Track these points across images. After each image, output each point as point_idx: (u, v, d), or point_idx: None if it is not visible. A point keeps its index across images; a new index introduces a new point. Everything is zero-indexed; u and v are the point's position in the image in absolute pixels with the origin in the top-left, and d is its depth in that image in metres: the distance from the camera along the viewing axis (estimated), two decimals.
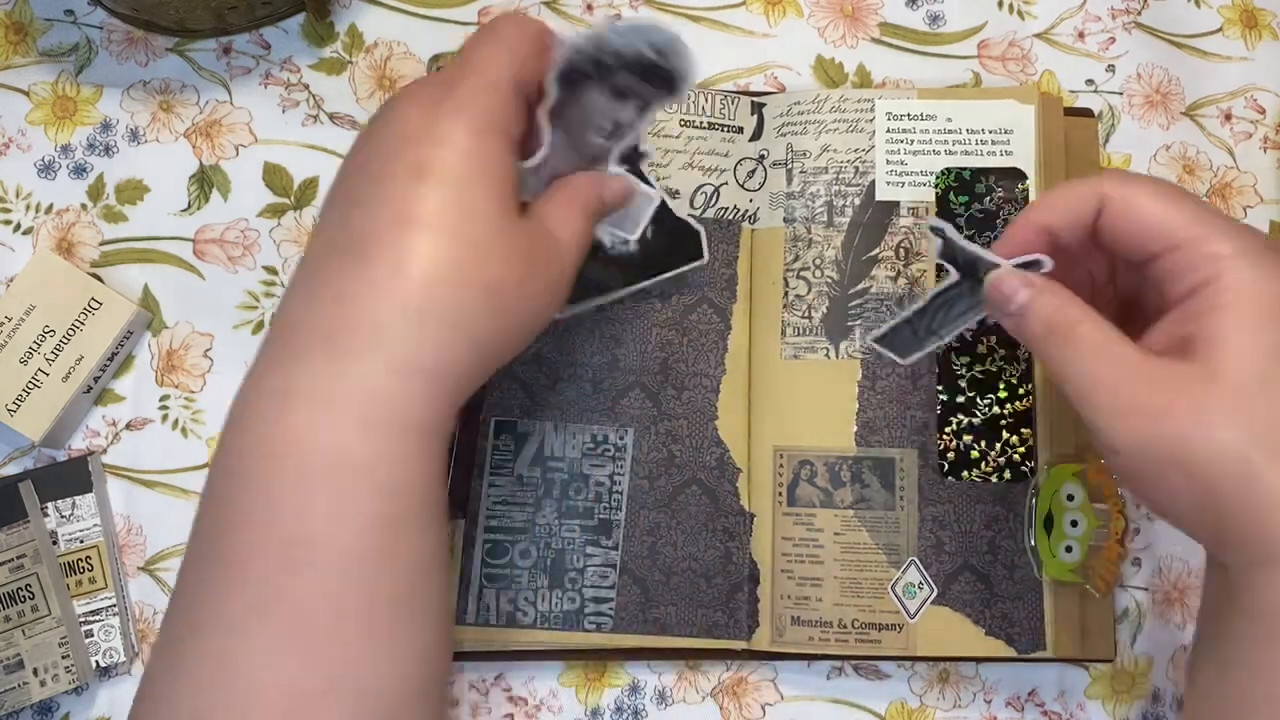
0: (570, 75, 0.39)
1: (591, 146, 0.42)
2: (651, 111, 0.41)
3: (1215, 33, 0.58)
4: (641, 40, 0.39)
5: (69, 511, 0.50)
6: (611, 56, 0.39)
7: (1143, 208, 0.39)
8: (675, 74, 0.40)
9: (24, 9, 0.54)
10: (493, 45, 0.38)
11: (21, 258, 0.52)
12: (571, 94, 0.39)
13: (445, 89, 0.37)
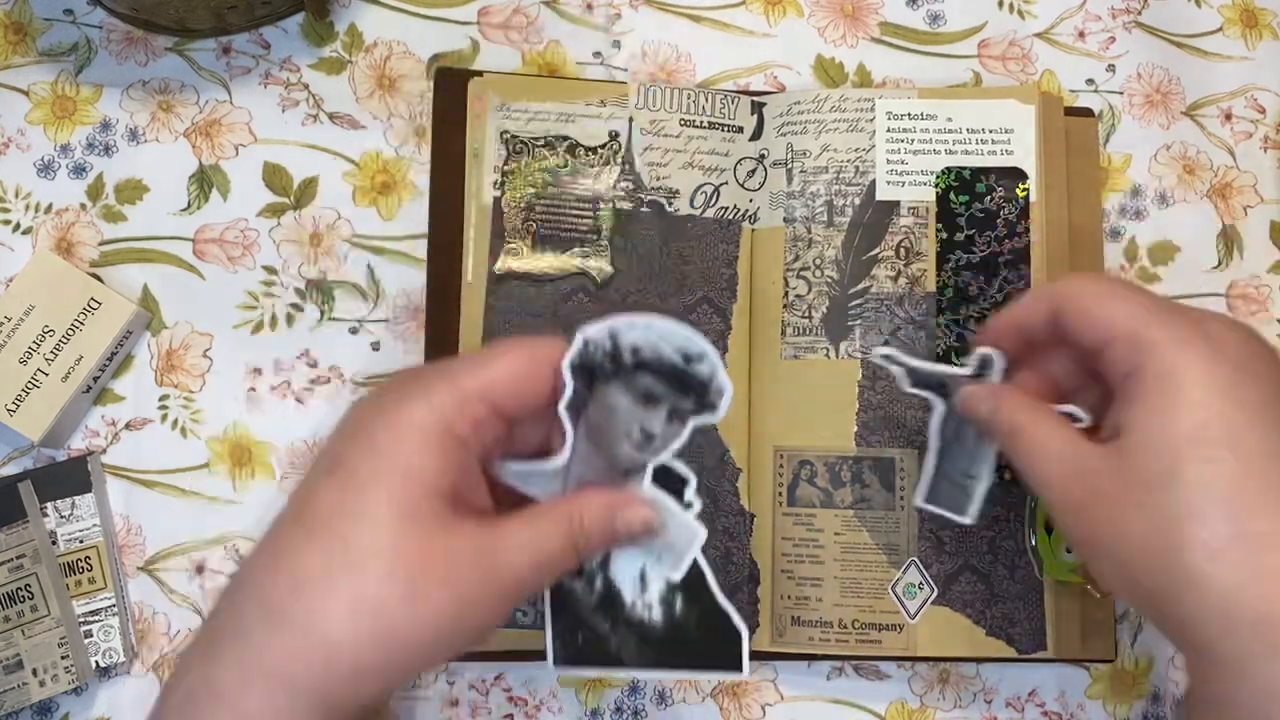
0: (586, 368, 0.37)
1: (622, 457, 0.38)
2: (687, 428, 0.38)
3: (1215, 32, 0.58)
4: (662, 341, 0.37)
5: (68, 511, 0.50)
6: (629, 353, 0.37)
7: (1090, 305, 0.40)
8: (706, 385, 0.38)
9: (24, 9, 0.54)
10: (486, 355, 0.37)
11: (21, 258, 0.52)
12: (592, 391, 0.37)
13: (412, 382, 0.36)
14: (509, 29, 0.55)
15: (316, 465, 0.37)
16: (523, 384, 0.37)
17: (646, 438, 0.38)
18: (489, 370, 0.36)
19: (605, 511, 0.37)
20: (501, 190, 0.52)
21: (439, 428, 0.35)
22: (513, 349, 0.37)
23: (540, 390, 0.37)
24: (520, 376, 0.37)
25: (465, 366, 0.36)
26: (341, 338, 0.53)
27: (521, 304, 0.51)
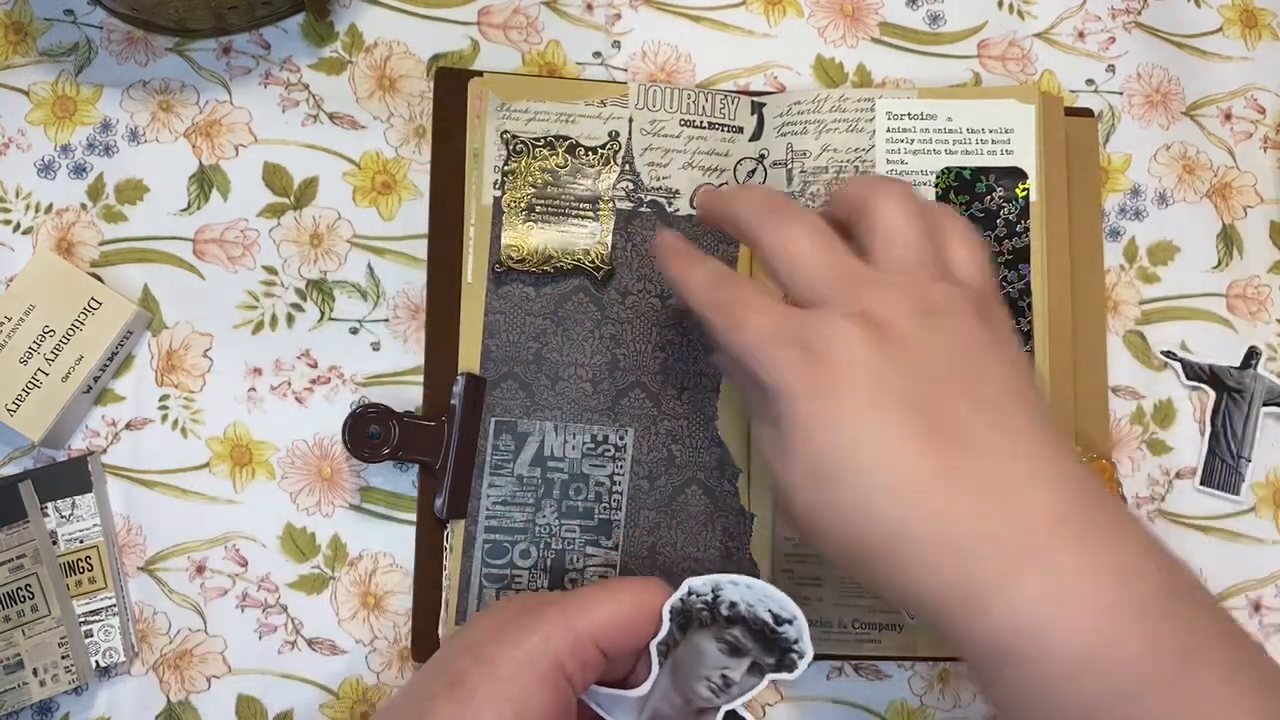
0: (684, 613, 0.40)
1: (699, 697, 0.40)
2: (764, 680, 0.40)
3: (1215, 32, 0.58)
4: (759, 602, 0.39)
5: (69, 511, 0.50)
6: (727, 606, 0.39)
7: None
8: (790, 646, 0.40)
9: (24, 9, 0.54)
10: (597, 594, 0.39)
11: (21, 258, 0.52)
12: (684, 633, 0.40)
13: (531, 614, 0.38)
14: (509, 29, 0.55)
15: (434, 677, 0.38)
16: (629, 627, 0.39)
17: (725, 684, 0.40)
18: (600, 612, 0.38)
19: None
20: (502, 190, 0.52)
21: (554, 665, 0.37)
22: (623, 591, 0.39)
23: (643, 635, 0.39)
24: (628, 621, 0.39)
25: (579, 604, 0.38)
26: (341, 338, 0.53)
27: (521, 304, 0.51)
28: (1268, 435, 0.55)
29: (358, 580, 0.51)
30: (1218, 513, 0.54)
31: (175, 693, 0.50)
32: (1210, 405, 0.55)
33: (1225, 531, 0.54)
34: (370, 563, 0.51)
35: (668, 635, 0.39)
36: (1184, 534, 0.54)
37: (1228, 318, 0.56)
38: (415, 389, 0.52)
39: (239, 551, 0.51)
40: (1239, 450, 0.54)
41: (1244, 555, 0.54)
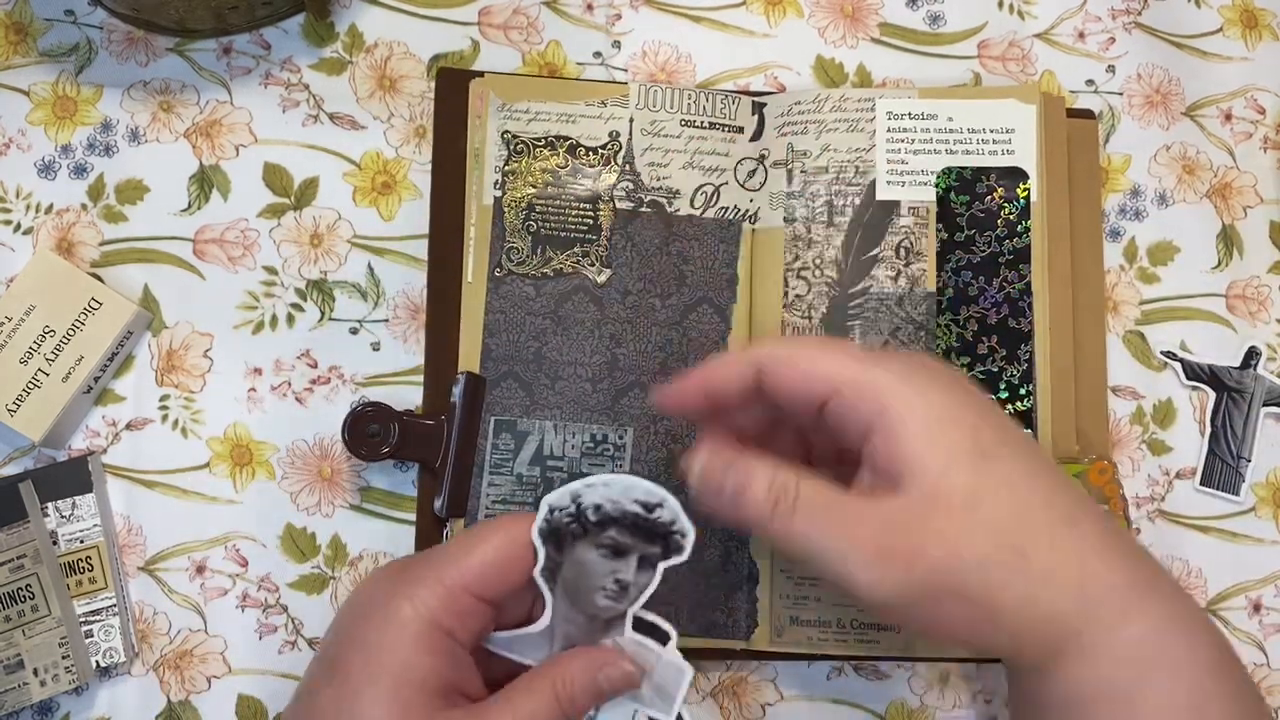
0: (554, 532, 0.40)
1: (600, 609, 0.41)
2: (658, 572, 0.40)
3: (1215, 33, 0.58)
4: (622, 495, 0.40)
5: (69, 511, 0.50)
6: (592, 511, 0.40)
7: (798, 361, 0.39)
8: (669, 529, 0.40)
9: (24, 9, 0.54)
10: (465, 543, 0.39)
11: (21, 258, 0.52)
12: (562, 553, 0.40)
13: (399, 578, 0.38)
14: (509, 29, 0.55)
15: (315, 666, 0.39)
16: (502, 569, 0.39)
17: (621, 587, 0.40)
18: (469, 560, 0.38)
19: (586, 673, 0.39)
20: (502, 190, 0.52)
21: (427, 625, 0.37)
22: (488, 534, 0.39)
23: (521, 569, 0.39)
24: (499, 563, 0.39)
25: (447, 558, 0.39)
26: (341, 338, 0.53)
27: (521, 304, 0.51)
28: (1268, 435, 0.55)
29: (358, 580, 0.51)
30: (1218, 513, 0.54)
31: (175, 693, 0.50)
32: (1210, 405, 0.55)
33: (1225, 531, 0.54)
34: (370, 563, 0.51)
35: (547, 560, 0.39)
36: (1184, 534, 0.54)
37: (1228, 318, 0.56)
38: (415, 389, 0.52)
39: (239, 551, 0.51)
40: (1239, 450, 0.54)
41: (1244, 555, 0.54)
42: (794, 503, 0.38)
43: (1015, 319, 0.52)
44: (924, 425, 0.37)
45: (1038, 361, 0.51)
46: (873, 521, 0.37)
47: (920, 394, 0.38)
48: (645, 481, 0.39)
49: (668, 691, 0.41)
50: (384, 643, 0.37)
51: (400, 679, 0.37)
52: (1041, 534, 0.37)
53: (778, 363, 0.40)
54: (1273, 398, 0.55)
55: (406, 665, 0.37)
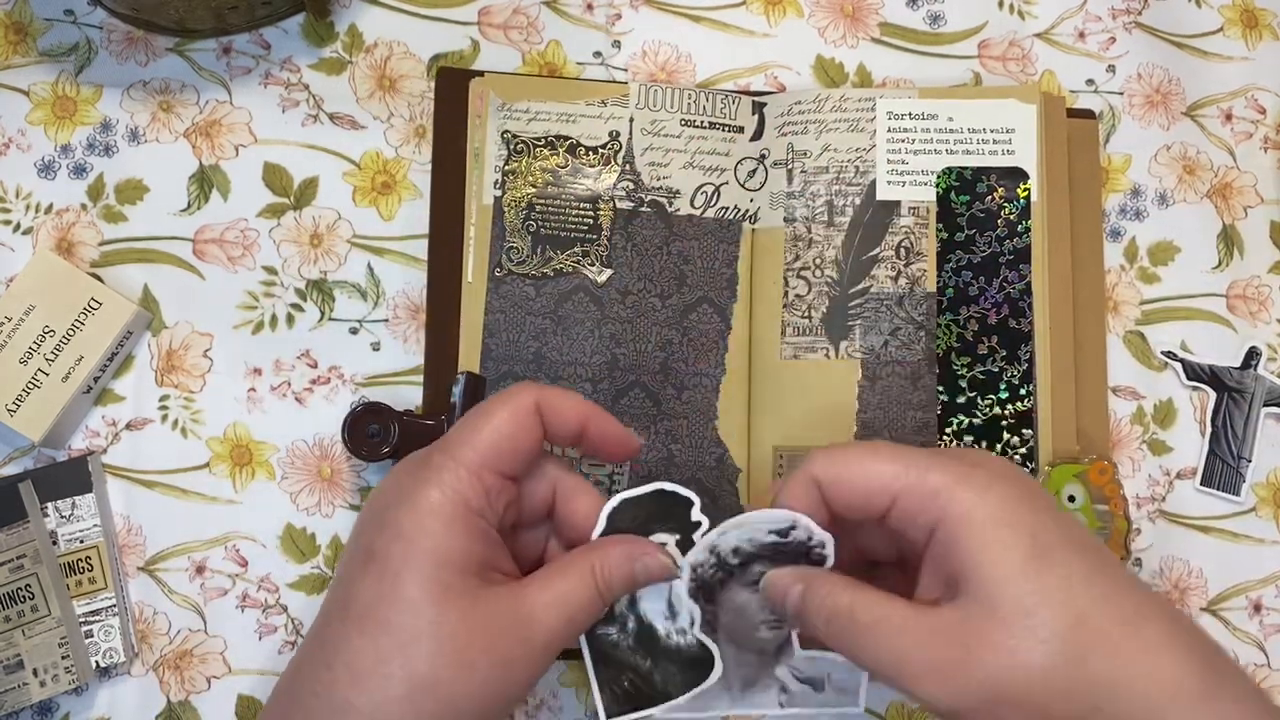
0: (704, 587, 0.40)
1: (766, 643, 0.41)
2: None
3: (1215, 33, 0.58)
4: (756, 531, 0.40)
5: (69, 511, 0.50)
6: (731, 554, 0.40)
7: (853, 474, 0.39)
8: (808, 545, 0.40)
9: (24, 9, 0.54)
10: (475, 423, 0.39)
11: (21, 258, 0.52)
12: (717, 606, 0.40)
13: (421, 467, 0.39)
14: (509, 29, 0.55)
15: (350, 559, 0.39)
16: (515, 442, 0.39)
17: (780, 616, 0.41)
18: (481, 440, 0.39)
19: (625, 559, 0.40)
20: (502, 190, 0.52)
21: (457, 508, 0.38)
22: (493, 410, 0.40)
23: (532, 439, 0.40)
24: (510, 435, 0.39)
25: (460, 441, 0.39)
26: (341, 338, 0.53)
27: (521, 304, 0.51)
28: (1268, 435, 0.55)
29: None
30: (1218, 513, 0.54)
31: (175, 693, 0.50)
32: (1210, 405, 0.55)
33: (1225, 532, 0.54)
34: None
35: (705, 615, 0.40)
36: (1184, 534, 0.54)
37: (1228, 318, 0.56)
38: (415, 389, 0.52)
39: (239, 551, 0.51)
40: (1239, 450, 0.54)
41: (1244, 555, 0.54)
42: (845, 623, 0.38)
43: (1015, 319, 0.52)
44: (980, 531, 0.37)
45: (1038, 361, 0.51)
46: (927, 633, 0.37)
47: (978, 496, 0.37)
48: (770, 511, 0.40)
49: (849, 689, 0.42)
50: (419, 527, 0.38)
51: (438, 560, 0.37)
52: (1102, 639, 0.36)
53: (834, 479, 0.39)
54: (1273, 398, 0.55)
55: (442, 547, 0.37)
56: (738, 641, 0.41)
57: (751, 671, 0.41)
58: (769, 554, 0.40)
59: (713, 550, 0.40)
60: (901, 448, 0.39)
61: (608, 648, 0.40)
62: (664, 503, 0.41)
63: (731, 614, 0.41)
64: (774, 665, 0.41)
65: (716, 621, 0.41)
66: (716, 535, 0.40)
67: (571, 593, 0.39)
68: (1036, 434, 0.51)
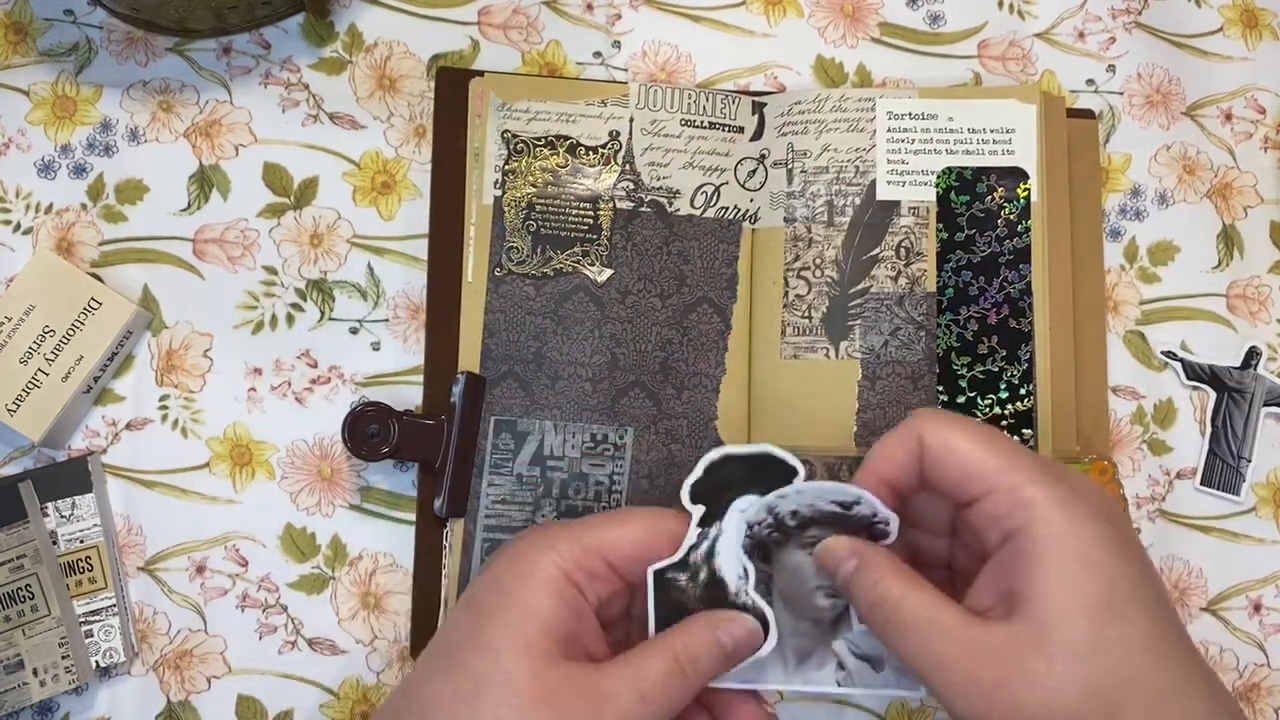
0: (757, 546, 0.40)
1: (822, 610, 0.40)
2: None
3: (1215, 33, 0.58)
4: (817, 499, 0.39)
5: (69, 511, 0.50)
6: (790, 517, 0.40)
7: (959, 450, 0.38)
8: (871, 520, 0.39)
9: (24, 9, 0.54)
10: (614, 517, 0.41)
11: (21, 258, 0.52)
12: (772, 567, 0.40)
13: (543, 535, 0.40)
14: (509, 29, 0.55)
15: (459, 604, 0.41)
16: (641, 548, 0.40)
17: None
18: (611, 531, 0.40)
19: (707, 631, 0.39)
20: (502, 190, 0.52)
21: (558, 574, 0.39)
22: (638, 516, 0.41)
23: (656, 554, 0.40)
24: (639, 542, 0.40)
25: (592, 525, 0.40)
26: (341, 338, 0.53)
27: (521, 304, 0.51)
28: (1268, 435, 0.55)
29: (358, 580, 0.51)
30: (1218, 513, 0.54)
31: (175, 693, 0.50)
32: (1210, 405, 0.55)
33: (1225, 531, 0.54)
34: (370, 563, 0.51)
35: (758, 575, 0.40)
36: (1184, 534, 0.54)
37: (1228, 318, 0.56)
38: (415, 389, 0.52)
39: (239, 551, 0.51)
40: (1239, 450, 0.54)
41: (1244, 555, 0.54)
42: (889, 614, 0.38)
43: (1015, 319, 0.52)
44: (1062, 563, 0.36)
45: (1038, 361, 0.51)
46: (969, 647, 0.36)
47: (1071, 526, 0.36)
48: (835, 484, 0.39)
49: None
50: (517, 583, 0.39)
51: (527, 614, 0.38)
52: (1140, 703, 0.35)
53: (940, 448, 0.39)
54: (1273, 398, 0.55)
55: (532, 604, 0.38)
56: (794, 607, 0.40)
57: (808, 642, 0.40)
58: (829, 520, 0.39)
59: (771, 510, 0.40)
60: (1012, 443, 0.39)
61: (674, 592, 0.40)
62: (768, 466, 0.40)
63: (786, 576, 0.40)
64: (831, 637, 0.41)
65: (771, 584, 0.40)
66: (775, 497, 0.39)
67: (649, 669, 0.38)
68: (1036, 434, 0.51)
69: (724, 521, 0.40)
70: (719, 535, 0.40)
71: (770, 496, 0.40)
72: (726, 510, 0.40)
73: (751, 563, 0.40)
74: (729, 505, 0.40)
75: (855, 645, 0.41)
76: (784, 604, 0.40)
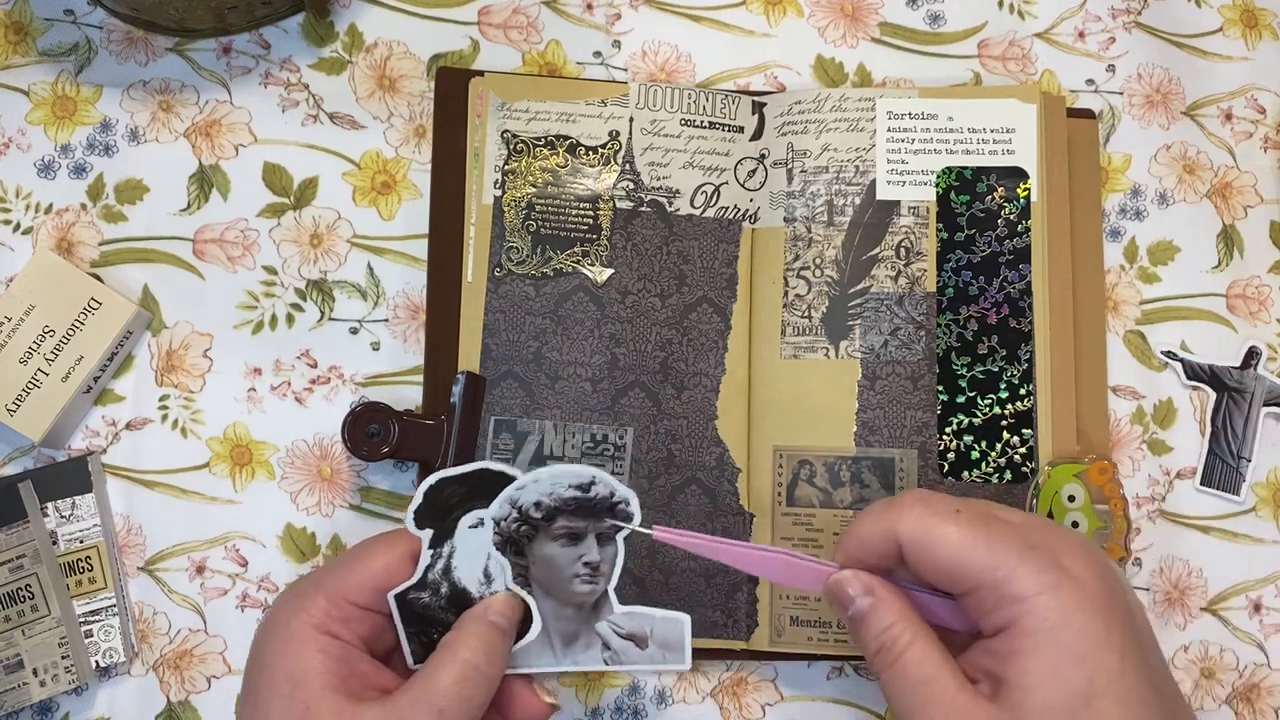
0: (510, 542, 0.42)
1: (581, 595, 0.42)
2: (619, 543, 0.42)
3: (1215, 33, 0.58)
4: (554, 485, 0.41)
5: (69, 511, 0.50)
6: (534, 509, 0.41)
7: (939, 548, 0.39)
8: (611, 501, 0.41)
9: (24, 9, 0.54)
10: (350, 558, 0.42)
11: (21, 258, 0.52)
12: (525, 557, 0.42)
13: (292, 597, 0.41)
14: (509, 29, 0.55)
15: (239, 701, 0.42)
16: (383, 580, 0.41)
17: (592, 569, 0.42)
18: (353, 571, 0.41)
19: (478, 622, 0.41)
20: (502, 190, 0.52)
21: (312, 632, 0.40)
22: (378, 547, 0.42)
23: (400, 580, 0.41)
24: (380, 574, 0.41)
25: (334, 571, 0.41)
26: (341, 338, 0.53)
27: (521, 304, 0.51)
28: (1268, 435, 0.55)
29: None
30: (1218, 513, 0.54)
31: (175, 693, 0.50)
32: (1210, 405, 0.55)
33: (1225, 531, 0.54)
34: None
35: (515, 569, 0.41)
36: (1184, 534, 0.54)
37: (1228, 318, 0.56)
38: (415, 389, 0.52)
39: (239, 551, 0.51)
40: (1239, 450, 0.54)
41: (1244, 555, 0.54)
42: (895, 659, 0.39)
43: (1015, 319, 0.52)
44: (1047, 659, 0.37)
45: (1038, 361, 0.51)
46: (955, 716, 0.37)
47: (1059, 618, 0.37)
48: (570, 466, 0.41)
49: (675, 643, 0.43)
50: (279, 657, 0.40)
51: (295, 682, 0.39)
52: None
53: (919, 548, 0.39)
54: (1273, 398, 0.55)
55: (297, 670, 0.39)
56: (554, 595, 0.42)
57: (572, 626, 0.42)
58: (572, 508, 0.41)
59: (513, 504, 0.41)
60: (993, 527, 0.38)
61: (421, 609, 0.42)
62: (488, 480, 0.41)
63: (542, 567, 0.42)
64: (594, 620, 0.42)
65: (529, 575, 0.42)
66: (514, 489, 0.41)
67: (440, 683, 0.39)
68: (1036, 434, 0.51)
69: (455, 539, 0.41)
70: (453, 551, 0.41)
71: (509, 489, 0.41)
72: (455, 528, 0.41)
73: (506, 557, 0.41)
74: (457, 523, 0.41)
75: (618, 626, 0.43)
76: (544, 593, 0.42)
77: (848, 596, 0.40)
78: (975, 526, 0.39)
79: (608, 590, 0.42)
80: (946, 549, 0.38)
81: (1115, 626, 0.38)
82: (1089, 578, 0.38)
